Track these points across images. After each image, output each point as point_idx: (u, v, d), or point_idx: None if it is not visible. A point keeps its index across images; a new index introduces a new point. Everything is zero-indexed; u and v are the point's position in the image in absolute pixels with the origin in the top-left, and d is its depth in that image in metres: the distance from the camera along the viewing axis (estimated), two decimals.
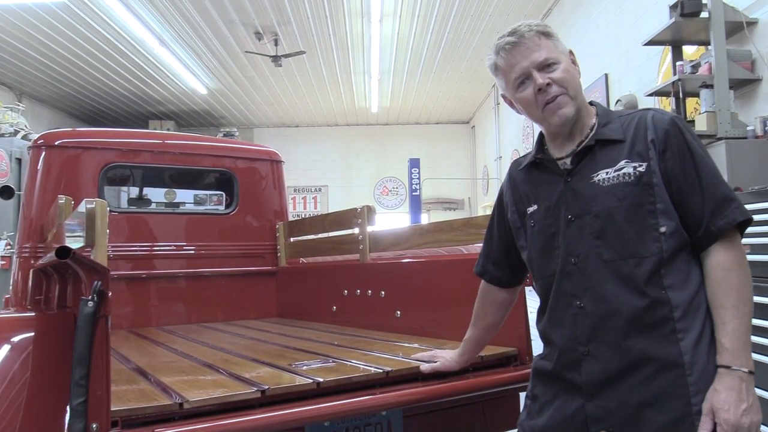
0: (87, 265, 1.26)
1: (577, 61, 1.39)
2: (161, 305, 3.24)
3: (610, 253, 1.26)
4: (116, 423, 1.24)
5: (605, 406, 1.24)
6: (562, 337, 1.32)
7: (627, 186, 1.26)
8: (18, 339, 1.35)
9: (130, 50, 8.51)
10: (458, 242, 2.24)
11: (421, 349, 1.97)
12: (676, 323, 1.20)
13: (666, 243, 1.23)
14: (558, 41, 1.36)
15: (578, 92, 1.35)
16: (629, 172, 1.26)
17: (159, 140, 3.37)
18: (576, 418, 1.28)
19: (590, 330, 1.27)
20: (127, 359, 2.01)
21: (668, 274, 1.22)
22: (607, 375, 1.24)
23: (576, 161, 1.34)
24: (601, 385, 1.25)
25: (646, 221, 1.24)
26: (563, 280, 1.32)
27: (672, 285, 1.22)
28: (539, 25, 1.35)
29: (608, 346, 1.24)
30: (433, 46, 8.76)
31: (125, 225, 3.18)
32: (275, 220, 3.53)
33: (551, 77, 1.31)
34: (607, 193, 1.27)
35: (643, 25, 5.09)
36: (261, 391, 1.42)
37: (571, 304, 1.31)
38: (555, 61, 1.32)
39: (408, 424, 1.72)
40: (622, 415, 1.21)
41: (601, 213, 1.27)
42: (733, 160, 3.21)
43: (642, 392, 1.20)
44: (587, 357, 1.27)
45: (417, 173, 11.28)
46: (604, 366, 1.25)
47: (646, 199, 1.24)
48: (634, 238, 1.24)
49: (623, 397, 1.22)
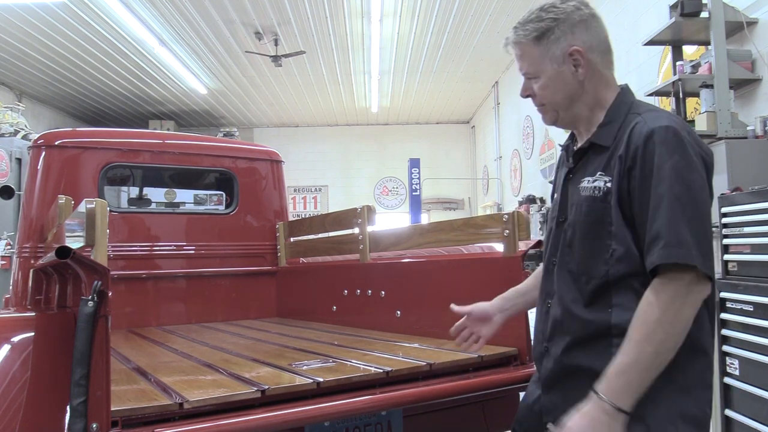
0: (87, 265, 1.26)
1: (583, 60, 1.27)
2: (161, 305, 3.25)
3: (572, 264, 1.29)
4: (116, 423, 1.24)
5: (553, 401, 1.32)
6: (537, 331, 1.41)
7: (594, 201, 1.24)
8: (18, 339, 1.36)
9: (130, 50, 8.51)
10: (458, 242, 2.24)
11: (421, 349, 1.97)
12: (613, 338, 1.19)
13: (613, 267, 1.20)
14: (553, 44, 1.27)
15: (561, 103, 1.30)
16: (599, 185, 1.23)
17: (159, 140, 3.37)
18: (535, 406, 1.39)
19: (551, 329, 1.34)
20: (127, 359, 2.01)
21: (619, 293, 1.20)
22: (554, 374, 1.32)
23: (576, 160, 1.35)
24: (551, 381, 1.33)
25: (602, 241, 1.22)
26: (545, 277, 1.40)
27: (620, 304, 1.19)
28: (531, 28, 1.29)
29: (557, 348, 1.31)
30: (433, 46, 8.75)
31: (125, 225, 3.18)
32: (275, 220, 3.53)
33: (532, 89, 1.33)
34: (581, 204, 1.27)
35: (643, 25, 5.09)
36: (261, 391, 1.42)
37: (544, 300, 1.39)
38: (534, 75, 1.31)
39: (408, 424, 1.72)
40: (564, 412, 1.23)
41: (573, 223, 1.30)
42: (733, 160, 3.20)
43: (577, 395, 1.20)
44: (546, 354, 1.35)
45: (417, 173, 11.28)
46: (553, 365, 1.32)
47: (606, 218, 1.21)
48: (589, 256, 1.25)
49: (565, 395, 1.27)
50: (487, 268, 2.04)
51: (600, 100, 1.31)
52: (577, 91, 1.30)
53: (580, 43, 1.28)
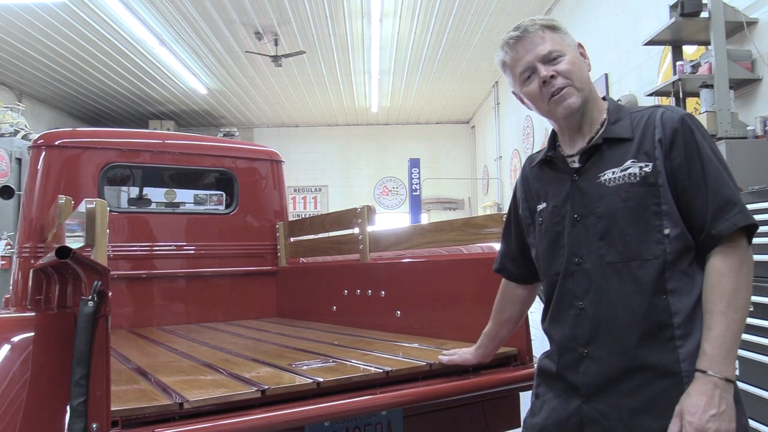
0: (87, 265, 1.26)
1: (587, 54, 1.38)
2: (161, 305, 3.25)
3: (613, 255, 1.25)
4: (116, 423, 1.24)
5: (601, 409, 1.24)
6: (563, 337, 1.32)
7: (632, 186, 1.24)
8: (18, 339, 1.36)
9: (130, 50, 8.51)
10: (458, 242, 2.24)
11: (421, 349, 1.98)
12: (675, 330, 1.18)
13: (670, 245, 1.20)
14: (565, 35, 1.35)
15: (585, 84, 1.32)
16: (635, 172, 1.24)
17: (159, 140, 3.37)
18: (572, 419, 1.28)
19: (589, 332, 1.27)
20: (127, 359, 2.01)
21: (672, 278, 1.20)
22: (603, 378, 1.24)
23: (584, 160, 1.33)
24: (597, 388, 1.25)
25: (650, 223, 1.22)
26: (566, 279, 1.32)
27: (675, 290, 1.20)
28: (544, 19, 1.35)
29: (606, 350, 1.24)
30: (433, 46, 8.75)
31: (125, 225, 3.18)
32: (275, 220, 3.53)
33: (556, 69, 1.30)
34: (612, 194, 1.26)
35: (643, 25, 5.09)
36: (261, 391, 1.42)
37: (572, 304, 1.30)
38: (560, 53, 1.31)
39: (408, 424, 1.72)
40: (617, 419, 1.21)
41: (606, 214, 1.26)
42: (733, 160, 3.20)
43: (637, 398, 1.19)
44: (586, 359, 1.27)
45: (417, 173, 11.27)
46: (601, 369, 1.24)
47: (651, 201, 1.22)
48: (637, 240, 1.22)
49: (618, 401, 1.21)
50: (487, 268, 2.03)
51: (597, 100, 1.37)
52: (589, 78, 1.36)
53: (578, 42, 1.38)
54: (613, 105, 1.36)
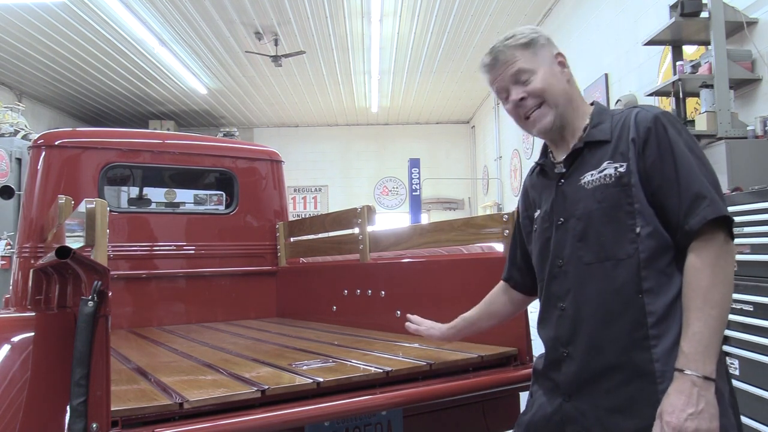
0: (87, 265, 1.26)
1: (567, 63, 1.39)
2: (161, 305, 3.24)
3: (589, 256, 1.27)
4: (116, 423, 1.24)
5: (580, 408, 1.26)
6: (548, 338, 1.37)
7: (607, 188, 1.25)
8: (18, 339, 1.36)
9: (130, 50, 8.51)
10: (458, 242, 2.24)
11: (421, 349, 1.98)
12: (649, 329, 1.18)
13: (642, 244, 1.21)
14: (540, 49, 1.36)
15: (560, 97, 1.34)
16: (610, 173, 1.26)
17: (159, 140, 3.37)
18: (555, 417, 1.32)
19: (569, 332, 1.29)
20: (127, 359, 2.01)
21: (648, 277, 1.20)
22: (582, 378, 1.27)
23: (568, 164, 1.35)
24: (577, 387, 1.28)
25: (623, 223, 1.23)
26: (551, 282, 1.36)
27: (650, 289, 1.20)
28: (516, 38, 1.36)
29: (584, 350, 1.27)
30: (433, 46, 8.75)
31: (125, 225, 3.18)
32: (275, 220, 3.53)
33: (526, 90, 1.34)
34: (589, 196, 1.28)
35: (643, 25, 5.09)
36: (261, 391, 1.42)
37: (556, 305, 1.34)
38: (531, 72, 1.34)
39: (408, 424, 1.72)
40: (594, 419, 1.22)
41: (583, 216, 1.28)
42: (733, 160, 3.21)
43: (613, 398, 1.20)
44: (567, 358, 1.30)
45: (417, 173, 11.27)
46: (579, 369, 1.27)
47: (624, 200, 1.23)
48: (612, 240, 1.24)
49: (596, 400, 1.23)
50: (487, 268, 2.04)
51: (579, 107, 1.38)
52: (567, 89, 1.36)
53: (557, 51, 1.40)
54: (597, 109, 1.38)
